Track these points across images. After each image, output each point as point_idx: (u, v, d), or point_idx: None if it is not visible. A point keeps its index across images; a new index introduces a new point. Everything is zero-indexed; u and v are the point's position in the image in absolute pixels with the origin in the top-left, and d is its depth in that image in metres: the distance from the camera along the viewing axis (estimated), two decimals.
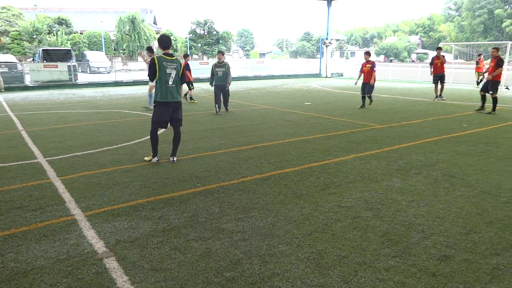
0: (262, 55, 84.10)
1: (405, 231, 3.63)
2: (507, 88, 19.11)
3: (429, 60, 15.26)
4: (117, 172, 5.53)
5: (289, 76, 30.14)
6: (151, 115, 6.27)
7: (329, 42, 29.44)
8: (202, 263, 3.09)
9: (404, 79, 26.28)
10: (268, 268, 3.02)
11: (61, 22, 46.97)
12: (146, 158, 6.18)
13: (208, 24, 54.26)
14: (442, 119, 10.13)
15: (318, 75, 30.49)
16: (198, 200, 4.44)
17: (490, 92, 11.01)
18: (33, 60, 30.13)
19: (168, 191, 4.75)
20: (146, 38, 46.95)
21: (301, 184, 4.95)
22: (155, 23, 60.96)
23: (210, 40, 53.96)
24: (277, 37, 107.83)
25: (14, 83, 20.57)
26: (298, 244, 3.40)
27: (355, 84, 12.88)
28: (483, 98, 11.37)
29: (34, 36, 44.53)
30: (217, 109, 11.21)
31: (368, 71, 12.09)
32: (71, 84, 21.92)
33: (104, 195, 4.60)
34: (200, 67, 26.30)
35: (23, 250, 3.33)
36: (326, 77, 29.59)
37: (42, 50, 25.67)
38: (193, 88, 14.47)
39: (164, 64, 5.80)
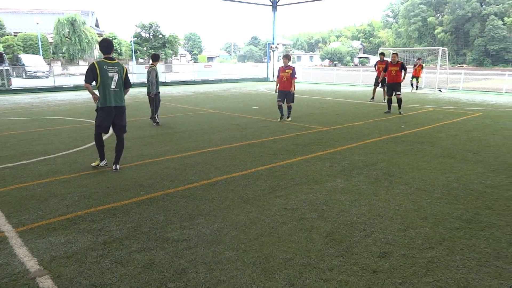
0: (210, 59, 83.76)
1: (348, 231, 3.75)
2: (440, 90, 20.53)
3: (370, 64, 16.35)
4: (54, 183, 5.20)
5: (237, 80, 30.25)
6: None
7: (276, 47, 29.95)
8: (145, 276, 2.98)
9: (347, 82, 27.36)
10: (213, 275, 2.97)
11: None
12: (93, 164, 5.90)
13: (153, 27, 53.08)
14: (382, 120, 10.64)
15: (265, 79, 30.89)
16: (142, 210, 4.28)
17: (398, 93, 11.73)
18: None
19: (110, 201, 4.54)
20: (87, 41, 44.95)
21: (248, 188, 4.95)
22: (97, 25, 58.54)
23: (156, 43, 52.80)
24: (225, 41, 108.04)
25: None
26: (244, 249, 3.39)
27: (275, 92, 10.62)
28: (390, 102, 12.09)
29: None
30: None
31: (288, 77, 10.15)
32: (4, 90, 20.41)
33: (38, 209, 4.30)
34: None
35: None
36: (274, 81, 30.04)
37: None
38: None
39: (105, 68, 5.62)
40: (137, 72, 25.78)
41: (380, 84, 15.23)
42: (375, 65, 16.02)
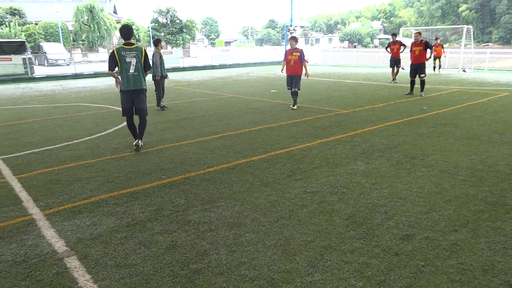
0: (227, 43, 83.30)
1: (369, 213, 3.71)
2: (464, 70, 19.89)
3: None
4: (77, 168, 5.33)
5: (255, 64, 30.04)
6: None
7: (294, 29, 29.49)
8: (167, 257, 3.04)
9: (367, 64, 26.79)
10: (235, 257, 3.00)
11: (14, 12, 44.41)
12: (134, 144, 6.19)
13: (170, 12, 52.99)
14: (403, 102, 10.42)
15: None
16: (163, 193, 4.35)
17: (422, 75, 11.29)
18: None
19: (132, 185, 4.63)
20: (106, 28, 45.29)
21: (268, 172, 4.96)
22: (115, 12, 58.86)
23: (174, 29, 52.76)
24: (242, 25, 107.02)
25: None
26: (265, 231, 3.41)
27: (281, 71, 10.04)
28: (413, 83, 11.73)
29: None
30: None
31: (295, 60, 9.46)
32: (28, 78, 20.90)
33: (64, 192, 4.42)
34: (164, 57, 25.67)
35: None
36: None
37: None
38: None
39: (123, 54, 5.85)
40: None
41: (395, 64, 15.15)
42: (387, 47, 15.64)
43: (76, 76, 22.41)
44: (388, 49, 15.54)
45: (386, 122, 7.84)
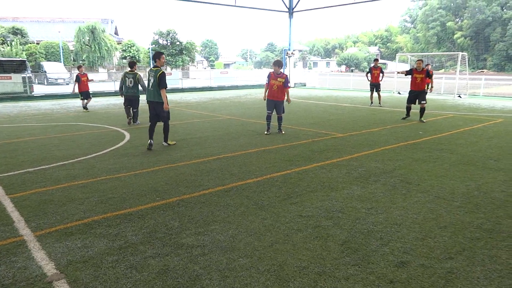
0: (226, 65, 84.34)
1: (364, 239, 3.68)
2: (459, 96, 20.14)
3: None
4: (72, 188, 5.29)
5: (253, 87, 30.32)
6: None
7: (292, 53, 29.96)
8: (159, 281, 2.98)
9: (364, 88, 27.08)
10: (227, 283, 2.95)
11: (16, 32, 45.00)
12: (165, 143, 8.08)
13: (171, 34, 53.80)
14: (399, 127, 10.49)
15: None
16: (157, 215, 4.31)
17: (423, 102, 11.40)
18: None
19: (126, 206, 4.59)
20: (107, 48, 45.87)
21: (263, 195, 4.93)
22: (116, 33, 59.75)
23: (174, 50, 53.44)
24: (241, 47, 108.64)
25: None
26: (259, 256, 3.36)
27: (264, 99, 9.60)
28: (409, 109, 11.94)
29: None
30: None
31: (279, 86, 9.19)
32: (27, 96, 20.97)
33: (57, 213, 4.37)
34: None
35: None
36: (290, 87, 30.01)
37: None
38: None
39: (149, 73, 7.81)
40: None
41: (375, 89, 15.81)
42: (367, 72, 16.03)
43: (75, 95, 22.47)
44: (369, 75, 15.83)
45: (382, 146, 7.87)
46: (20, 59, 28.15)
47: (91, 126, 10.93)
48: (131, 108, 11.33)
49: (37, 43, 45.73)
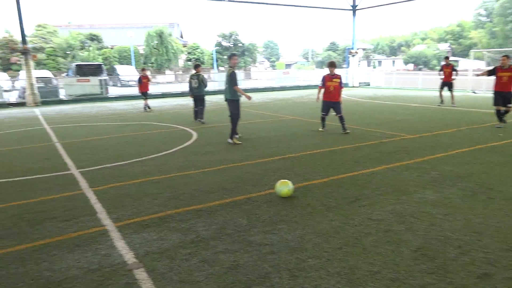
0: (288, 65, 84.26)
1: (441, 246, 3.48)
2: (474, 92, 18.73)
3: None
4: (146, 183, 5.61)
5: (315, 87, 29.98)
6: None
7: (355, 52, 29.20)
8: (230, 276, 3.06)
9: (434, 87, 25.59)
10: (297, 282, 2.95)
11: (93, 38, 48.80)
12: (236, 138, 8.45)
13: (233, 36, 55.02)
14: (476, 128, 9.77)
15: (345, 85, 30.21)
16: (225, 212, 4.42)
17: (509, 105, 9.73)
18: (67, 75, 31.33)
19: (196, 202, 4.77)
20: (173, 51, 48.04)
21: (330, 196, 4.86)
22: (181, 36, 62.38)
23: (236, 52, 54.61)
24: (303, 47, 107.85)
25: (50, 97, 21.43)
26: (328, 258, 3.32)
27: (317, 101, 10.04)
28: (499, 112, 9.97)
29: (68, 52, 46.46)
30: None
31: (336, 87, 9.43)
32: (102, 98, 22.62)
33: (133, 206, 4.67)
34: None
35: (57, 260, 3.40)
36: (353, 86, 29.28)
37: (76, 65, 26.70)
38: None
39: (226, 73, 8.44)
40: (218, 79, 26.84)
41: (446, 87, 14.90)
42: (440, 70, 15.15)
43: (152, 97, 23.80)
44: (441, 72, 14.95)
45: (457, 149, 7.39)
46: (97, 63, 30.47)
47: (161, 126, 11.51)
48: (197, 106, 12.05)
49: (111, 48, 49.14)
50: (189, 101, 11.98)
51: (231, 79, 8.18)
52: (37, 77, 21.26)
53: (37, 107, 19.38)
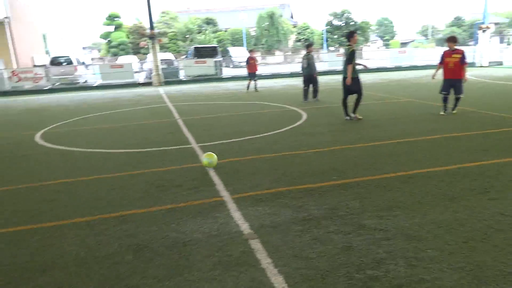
0: (403, 44, 78.31)
1: None
2: None
3: None
4: (259, 160, 5.84)
5: (434, 66, 27.43)
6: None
7: (486, 27, 25.75)
8: (342, 257, 3.04)
9: None
10: (415, 272, 2.80)
11: (209, 22, 51.72)
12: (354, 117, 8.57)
13: (345, 14, 53.02)
14: None
15: (472, 64, 26.99)
16: (337, 193, 4.38)
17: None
18: (186, 57, 33.91)
19: (307, 181, 4.81)
20: (283, 32, 48.37)
21: (453, 186, 4.46)
22: (292, 17, 62.31)
23: (348, 31, 52.69)
24: (421, 24, 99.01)
25: (171, 77, 23.51)
26: (451, 251, 3.07)
27: (432, 78, 9.52)
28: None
29: (187, 36, 50.12)
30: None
31: (456, 63, 8.59)
32: (217, 78, 24.00)
33: (248, 181, 4.91)
34: (337, 59, 25.82)
35: (182, 223, 3.78)
36: (482, 66, 26.00)
37: (194, 47, 28.69)
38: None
39: (344, 51, 8.61)
40: (329, 60, 26.28)
41: None
42: None
43: (262, 77, 24.58)
44: None
45: None
46: (213, 45, 32.26)
47: (271, 105, 11.79)
48: (310, 86, 12.17)
49: (225, 31, 51.54)
50: (298, 82, 12.02)
51: (348, 57, 8.12)
52: (161, 60, 23.43)
53: (161, 86, 21.45)
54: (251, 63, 16.39)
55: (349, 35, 8.29)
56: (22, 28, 28.95)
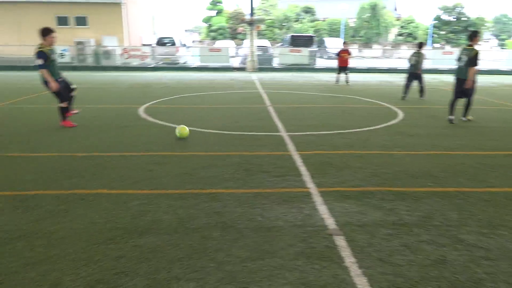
0: None
1: None
2: None
3: None
4: (348, 155, 5.67)
5: None
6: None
7: None
8: (435, 270, 2.83)
9: None
10: None
11: (307, 10, 51.22)
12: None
13: (457, 9, 48.54)
14: None
15: None
16: (432, 201, 4.07)
17: None
18: (281, 45, 34.08)
19: (399, 184, 4.55)
20: (384, 25, 46.00)
21: None
22: (395, 9, 58.86)
23: (458, 27, 48.23)
24: None
25: (265, 64, 23.84)
26: None
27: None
28: None
29: (284, 24, 50.27)
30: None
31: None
32: (310, 68, 23.75)
33: (335, 176, 4.80)
34: (444, 57, 23.87)
35: (267, 208, 3.84)
36: None
37: (291, 36, 28.68)
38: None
39: (462, 51, 8.00)
40: (432, 57, 24.32)
41: None
42: None
43: (351, 70, 23.81)
44: None
45: None
46: (309, 35, 31.95)
47: (365, 101, 11.34)
48: (416, 83, 11.68)
49: (323, 20, 50.62)
50: (396, 78, 11.35)
51: (472, 60, 7.61)
52: (257, 46, 23.85)
53: (254, 72, 21.88)
54: (341, 56, 15.91)
55: (472, 35, 7.98)
56: (135, 10, 31.60)
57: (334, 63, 17.91)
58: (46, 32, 6.82)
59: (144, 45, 28.56)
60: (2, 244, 3.13)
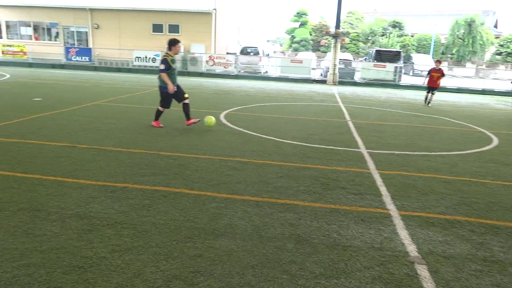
0: None
1: None
2: None
3: None
4: (434, 180, 5.30)
5: None
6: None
7: None
8: None
9: None
10: None
11: (395, 25, 49.24)
12: None
13: None
14: None
15: None
16: None
17: None
18: (365, 59, 33.18)
19: (492, 216, 4.14)
20: (481, 42, 42.54)
21: None
22: (495, 26, 54.20)
23: None
24: None
25: (346, 78, 23.37)
26: None
27: None
28: None
29: (369, 38, 48.93)
30: None
31: None
32: (394, 84, 22.76)
33: (419, 200, 4.51)
34: None
35: (344, 226, 3.72)
36: None
37: (376, 50, 27.80)
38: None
39: None
40: None
41: None
42: None
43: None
44: None
45: None
46: (396, 50, 30.69)
47: (454, 123, 10.56)
48: None
49: (411, 36, 48.33)
50: (490, 101, 10.35)
51: None
52: (340, 59, 23.49)
53: (334, 85, 21.56)
54: (432, 76, 14.69)
55: None
56: (223, 19, 33.02)
57: (420, 81, 16.95)
58: (173, 43, 7.61)
59: (228, 53, 29.70)
60: (94, 229, 3.42)
